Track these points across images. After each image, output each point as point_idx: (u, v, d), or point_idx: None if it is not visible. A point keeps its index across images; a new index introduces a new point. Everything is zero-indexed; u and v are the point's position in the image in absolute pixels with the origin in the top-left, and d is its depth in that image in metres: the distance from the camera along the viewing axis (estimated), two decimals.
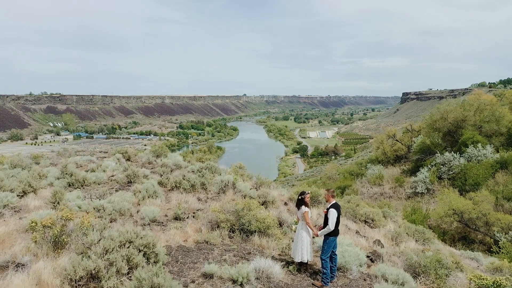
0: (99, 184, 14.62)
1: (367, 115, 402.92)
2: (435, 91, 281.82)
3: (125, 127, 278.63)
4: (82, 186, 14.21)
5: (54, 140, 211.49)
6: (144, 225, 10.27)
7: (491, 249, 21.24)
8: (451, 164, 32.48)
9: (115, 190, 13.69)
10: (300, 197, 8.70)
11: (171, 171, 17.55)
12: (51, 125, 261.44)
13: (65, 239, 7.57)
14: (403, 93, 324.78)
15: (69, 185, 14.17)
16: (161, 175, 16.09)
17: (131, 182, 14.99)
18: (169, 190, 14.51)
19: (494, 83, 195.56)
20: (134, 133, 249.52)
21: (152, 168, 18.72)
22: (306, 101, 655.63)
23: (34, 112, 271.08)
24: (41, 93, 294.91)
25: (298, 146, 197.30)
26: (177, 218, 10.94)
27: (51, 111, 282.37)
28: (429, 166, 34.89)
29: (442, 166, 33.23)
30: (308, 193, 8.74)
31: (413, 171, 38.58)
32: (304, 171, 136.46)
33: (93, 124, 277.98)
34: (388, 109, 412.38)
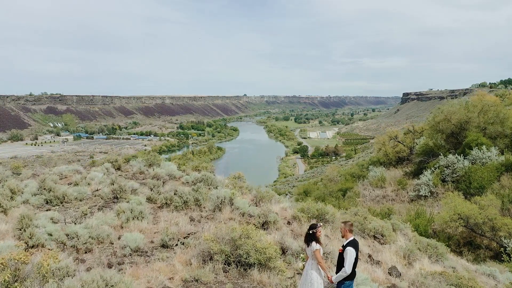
0: (80, 201, 13.12)
1: (367, 116, 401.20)
2: (436, 91, 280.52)
3: (125, 128, 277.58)
4: (61, 203, 12.73)
5: (54, 141, 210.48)
6: (125, 256, 8.82)
7: (498, 256, 20.19)
8: (455, 167, 31.60)
9: (98, 209, 12.20)
10: (310, 231, 7.11)
11: (164, 183, 16.10)
12: (51, 125, 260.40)
13: (18, 287, 6.12)
14: (403, 93, 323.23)
15: (47, 202, 12.68)
16: (152, 189, 14.63)
17: (117, 197, 13.51)
18: (159, 207, 13.02)
19: (494, 83, 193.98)
20: (134, 134, 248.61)
21: (143, 179, 17.24)
22: (307, 101, 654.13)
23: (34, 112, 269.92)
24: (41, 94, 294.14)
25: (298, 146, 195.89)
26: (164, 246, 9.47)
27: (51, 112, 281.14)
28: (432, 168, 33.94)
29: (445, 169, 32.35)
30: (320, 226, 7.12)
31: (416, 174, 37.45)
32: (305, 172, 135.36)
33: (93, 124, 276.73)
34: (388, 109, 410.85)
